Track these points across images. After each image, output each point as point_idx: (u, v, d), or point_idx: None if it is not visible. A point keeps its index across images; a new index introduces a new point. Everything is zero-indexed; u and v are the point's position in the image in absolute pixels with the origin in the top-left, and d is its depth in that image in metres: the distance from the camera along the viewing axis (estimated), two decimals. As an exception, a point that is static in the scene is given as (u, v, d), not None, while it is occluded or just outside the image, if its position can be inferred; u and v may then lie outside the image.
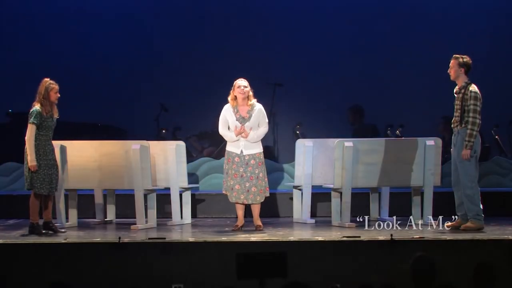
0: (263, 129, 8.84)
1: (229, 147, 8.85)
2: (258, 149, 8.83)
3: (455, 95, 8.61)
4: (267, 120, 8.93)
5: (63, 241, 7.82)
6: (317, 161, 9.69)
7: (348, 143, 9.09)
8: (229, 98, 8.93)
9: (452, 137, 8.65)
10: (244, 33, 14.02)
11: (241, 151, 8.76)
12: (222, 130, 8.92)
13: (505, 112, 13.02)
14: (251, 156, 8.76)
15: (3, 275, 7.51)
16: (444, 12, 14.00)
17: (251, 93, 8.91)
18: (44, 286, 6.74)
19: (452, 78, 8.63)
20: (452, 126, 8.63)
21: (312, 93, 13.88)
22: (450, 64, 8.64)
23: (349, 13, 14.15)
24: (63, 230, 8.81)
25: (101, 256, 7.59)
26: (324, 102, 13.76)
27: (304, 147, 9.70)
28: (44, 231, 8.55)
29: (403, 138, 10.63)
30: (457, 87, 8.61)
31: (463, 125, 8.45)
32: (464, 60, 8.58)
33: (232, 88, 8.92)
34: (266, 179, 8.85)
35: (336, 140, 9.17)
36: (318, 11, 14.20)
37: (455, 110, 8.57)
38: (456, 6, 14.03)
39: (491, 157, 11.70)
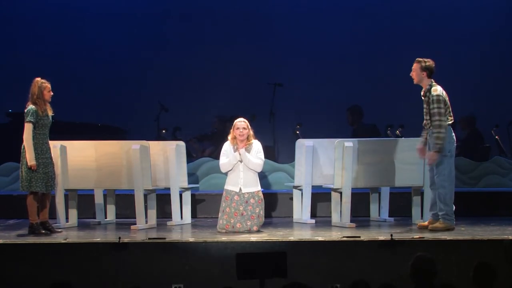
0: (257, 160, 8.73)
1: (227, 186, 8.76)
2: (257, 187, 8.75)
3: (422, 99, 8.63)
4: (261, 156, 8.77)
5: (63, 241, 7.82)
6: (317, 161, 9.69)
7: (348, 143, 9.09)
8: (229, 137, 8.82)
9: (427, 138, 8.66)
10: (244, 34, 14.03)
11: (240, 189, 8.70)
12: (222, 161, 8.78)
13: (505, 112, 13.03)
14: (250, 195, 8.69)
15: (3, 275, 7.51)
16: (444, 12, 14.02)
17: (251, 132, 8.80)
18: (44, 286, 6.74)
19: (414, 81, 8.65)
20: (425, 127, 8.64)
21: (312, 93, 13.88)
22: (412, 68, 8.64)
23: (349, 13, 14.16)
24: (59, 230, 8.80)
25: (101, 256, 7.59)
26: (324, 102, 13.77)
27: (304, 147, 9.70)
28: (43, 231, 8.54)
29: (403, 138, 10.63)
30: (422, 90, 8.62)
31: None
32: (427, 64, 8.56)
33: (232, 127, 8.81)
34: (263, 213, 8.82)
35: (336, 140, 9.17)
36: (318, 11, 14.21)
37: (424, 113, 8.61)
38: (456, 7, 14.04)
39: (491, 157, 11.69)
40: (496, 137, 12.24)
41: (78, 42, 14.07)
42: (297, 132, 12.24)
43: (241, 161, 8.70)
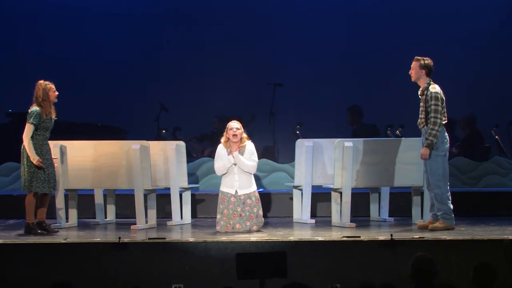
0: (251, 163, 8.72)
1: (223, 188, 8.76)
2: (253, 187, 8.75)
3: (420, 97, 8.63)
4: (255, 158, 8.77)
5: (63, 241, 7.81)
6: (317, 161, 9.69)
7: (348, 143, 9.09)
8: (222, 140, 8.82)
9: (421, 138, 8.67)
10: (244, 34, 14.04)
11: (236, 191, 8.70)
12: (216, 164, 8.79)
13: (505, 112, 13.04)
14: (246, 196, 8.69)
15: (3, 275, 7.51)
16: (444, 12, 14.02)
17: (244, 134, 8.80)
18: (44, 286, 6.74)
19: (412, 79, 8.66)
20: (419, 127, 8.65)
21: (312, 93, 13.89)
22: (411, 66, 8.64)
23: (349, 13, 14.17)
24: (56, 230, 8.79)
25: (101, 256, 7.59)
26: (324, 102, 13.77)
27: (304, 147, 9.70)
28: (39, 231, 8.51)
29: (403, 138, 10.63)
30: (420, 89, 8.62)
31: (428, 125, 8.48)
32: (426, 62, 8.57)
33: (225, 130, 8.82)
34: (262, 212, 8.82)
35: (336, 140, 9.17)
36: (318, 11, 14.22)
37: (419, 112, 8.62)
38: (456, 7, 14.05)
39: (491, 157, 11.70)
40: (496, 137, 12.24)
41: (78, 42, 14.08)
42: (297, 132, 12.24)
43: (235, 164, 8.70)
